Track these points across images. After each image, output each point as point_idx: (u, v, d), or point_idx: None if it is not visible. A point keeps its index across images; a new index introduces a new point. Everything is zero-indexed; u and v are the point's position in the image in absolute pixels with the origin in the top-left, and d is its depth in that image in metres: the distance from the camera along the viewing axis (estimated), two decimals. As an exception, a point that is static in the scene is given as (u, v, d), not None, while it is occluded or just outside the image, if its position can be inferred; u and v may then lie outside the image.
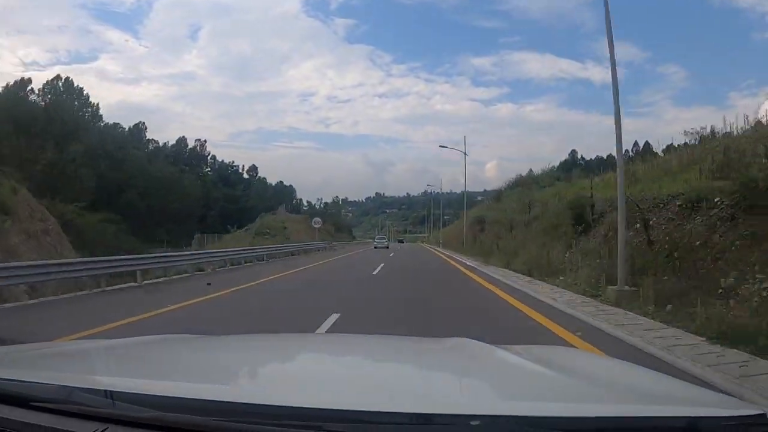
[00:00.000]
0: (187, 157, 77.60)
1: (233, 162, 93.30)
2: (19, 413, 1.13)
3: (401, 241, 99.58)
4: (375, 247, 47.40)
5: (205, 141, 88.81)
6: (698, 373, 4.51)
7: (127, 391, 1.13)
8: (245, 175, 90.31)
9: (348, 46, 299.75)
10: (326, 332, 6.37)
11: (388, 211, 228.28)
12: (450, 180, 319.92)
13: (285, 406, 1.06)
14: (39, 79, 70.31)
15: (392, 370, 1.76)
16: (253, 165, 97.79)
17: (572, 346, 5.43)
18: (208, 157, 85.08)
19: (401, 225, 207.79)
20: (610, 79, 9.71)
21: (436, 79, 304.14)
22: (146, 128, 79.71)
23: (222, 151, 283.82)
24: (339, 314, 7.85)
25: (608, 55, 9.70)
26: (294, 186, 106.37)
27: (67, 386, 1.16)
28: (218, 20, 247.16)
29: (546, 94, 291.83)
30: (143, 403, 1.09)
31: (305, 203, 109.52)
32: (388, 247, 47.78)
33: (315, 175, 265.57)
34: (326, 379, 1.54)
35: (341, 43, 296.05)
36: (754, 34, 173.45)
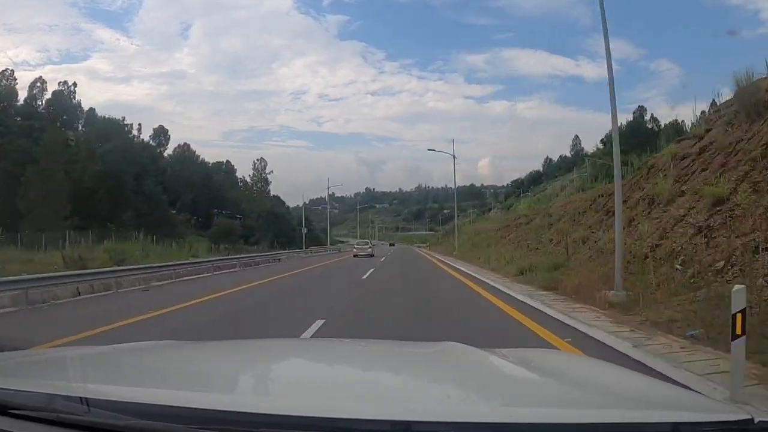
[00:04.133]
0: (52, 110, 52.65)
1: (124, 119, 60.81)
2: None
3: (392, 245, 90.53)
4: (355, 255, 37.54)
5: (74, 84, 60.14)
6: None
7: (103, 398, 1.12)
8: (152, 142, 62.84)
9: (340, 43, 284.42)
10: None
11: (378, 206, 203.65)
12: (444, 176, 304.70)
13: (260, 414, 1.05)
14: (28, 80, 50.11)
15: (375, 376, 1.74)
16: (162, 127, 69.25)
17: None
18: (80, 110, 57.20)
19: (393, 221, 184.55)
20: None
21: (429, 77, 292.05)
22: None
23: (216, 151, 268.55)
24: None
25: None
26: (233, 163, 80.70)
27: (45, 393, 1.14)
28: (209, 17, 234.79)
29: (539, 91, 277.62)
30: (120, 410, 1.08)
31: (245, 181, 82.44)
32: (372, 255, 36.75)
33: (307, 173, 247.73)
34: (307, 386, 1.51)
35: (333, 40, 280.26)
36: (746, 31, 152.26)
